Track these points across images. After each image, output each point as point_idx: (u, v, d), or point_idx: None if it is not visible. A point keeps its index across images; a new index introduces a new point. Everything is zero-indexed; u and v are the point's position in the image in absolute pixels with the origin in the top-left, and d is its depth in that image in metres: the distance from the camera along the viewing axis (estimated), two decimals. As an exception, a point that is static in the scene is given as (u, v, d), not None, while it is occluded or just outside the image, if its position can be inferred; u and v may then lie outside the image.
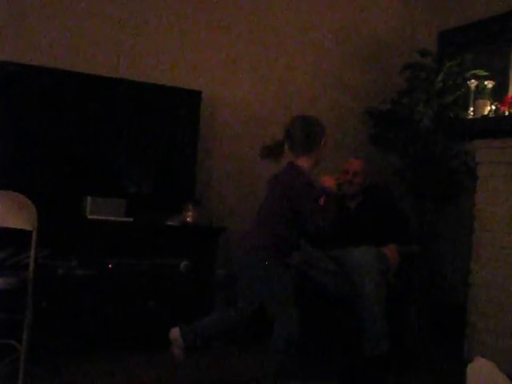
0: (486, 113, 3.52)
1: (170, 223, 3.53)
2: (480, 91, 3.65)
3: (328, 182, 2.90)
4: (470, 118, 3.63)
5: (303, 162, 2.81)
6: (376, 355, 3.10)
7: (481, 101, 3.58)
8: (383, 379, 3.05)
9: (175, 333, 2.82)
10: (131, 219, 3.40)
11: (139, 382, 2.91)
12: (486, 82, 3.63)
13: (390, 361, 3.14)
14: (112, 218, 3.36)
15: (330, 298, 3.33)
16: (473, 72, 3.87)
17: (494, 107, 3.49)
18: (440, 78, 3.97)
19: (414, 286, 3.72)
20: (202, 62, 3.98)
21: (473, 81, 3.71)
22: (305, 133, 2.80)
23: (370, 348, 3.11)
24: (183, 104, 3.78)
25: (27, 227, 2.67)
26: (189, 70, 3.94)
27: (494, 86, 3.59)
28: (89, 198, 3.36)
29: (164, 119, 3.73)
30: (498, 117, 3.42)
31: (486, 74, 3.82)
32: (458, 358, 3.40)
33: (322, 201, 2.86)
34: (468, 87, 3.75)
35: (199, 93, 3.79)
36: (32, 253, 2.64)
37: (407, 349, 3.56)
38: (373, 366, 3.10)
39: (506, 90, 3.54)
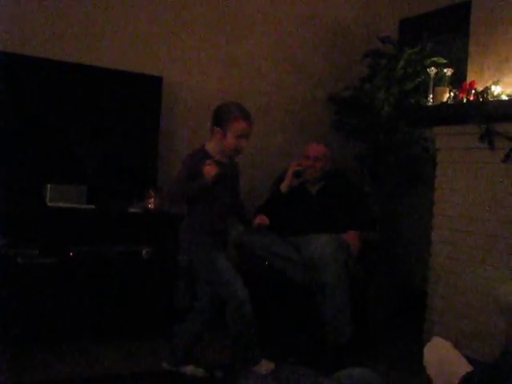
0: (445, 100, 3.57)
1: (131, 210, 3.50)
2: (439, 78, 3.69)
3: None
4: (430, 105, 3.67)
5: (207, 144, 2.81)
6: (340, 342, 3.14)
7: (440, 88, 3.62)
8: (344, 363, 3.08)
9: (165, 366, 2.90)
10: (92, 206, 3.37)
11: (103, 369, 2.90)
12: (445, 70, 3.67)
13: (352, 346, 3.19)
14: (73, 206, 3.31)
15: (292, 287, 3.35)
16: (432, 60, 3.92)
17: (452, 94, 3.55)
18: (401, 65, 4.02)
19: (375, 271, 3.77)
20: (163, 48, 3.95)
21: (432, 68, 3.75)
22: (212, 117, 2.79)
23: (333, 336, 3.14)
24: (144, 90, 3.74)
25: (-15, 215, 2.63)
26: (150, 56, 3.90)
27: (452, 74, 3.64)
28: (49, 186, 3.31)
29: (125, 105, 3.69)
30: (456, 104, 3.47)
31: (445, 61, 3.87)
32: (418, 340, 3.47)
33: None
34: (428, 74, 3.79)
35: (160, 79, 3.76)
36: (-10, 241, 2.61)
37: (369, 333, 3.61)
38: (337, 353, 3.13)
39: (465, 78, 3.60)
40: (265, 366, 2.80)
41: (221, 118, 2.75)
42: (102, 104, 3.63)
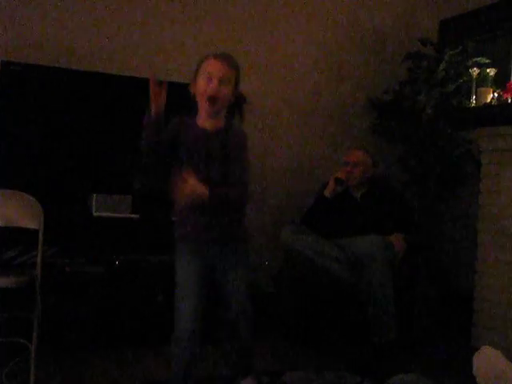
0: (488, 100, 3.52)
1: (175, 218, 3.53)
2: (482, 79, 3.65)
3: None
4: (473, 106, 3.62)
5: None
6: (384, 343, 3.13)
7: (483, 89, 3.57)
8: (389, 365, 3.06)
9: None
10: (137, 215, 3.42)
11: (151, 376, 2.93)
12: (487, 70, 3.62)
13: (397, 348, 3.17)
14: (118, 215, 3.37)
15: (338, 286, 3.35)
16: (474, 60, 3.87)
17: (496, 95, 3.49)
18: (442, 66, 3.97)
19: (421, 273, 3.73)
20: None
21: (475, 69, 3.70)
22: None
23: (378, 336, 3.14)
24: (186, 99, 3.77)
25: (34, 226, 2.69)
26: (191, 66, 3.92)
27: (496, 74, 3.58)
28: (94, 196, 3.38)
29: (166, 114, 3.72)
30: (500, 104, 3.42)
31: (487, 61, 3.81)
32: (466, 346, 3.41)
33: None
34: (470, 75, 3.74)
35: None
36: (39, 251, 2.67)
37: (415, 336, 3.57)
38: (381, 353, 3.12)
39: (508, 77, 3.54)
40: None
41: (195, 70, 2.25)
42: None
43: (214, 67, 2.18)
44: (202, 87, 2.18)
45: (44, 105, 3.43)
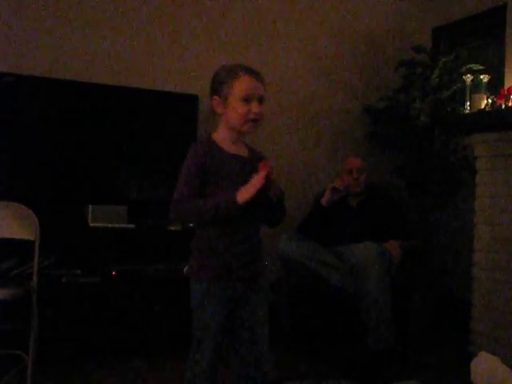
0: (482, 107, 3.52)
1: (171, 228, 3.54)
2: (476, 85, 3.65)
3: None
4: (467, 113, 3.63)
5: (214, 133, 2.07)
6: (382, 350, 3.13)
7: (477, 95, 3.58)
8: (388, 372, 3.06)
9: None
10: (133, 226, 3.41)
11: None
12: (481, 76, 3.63)
13: (394, 354, 3.17)
14: (114, 225, 3.37)
15: (336, 294, 3.35)
16: (468, 66, 3.88)
17: (490, 101, 3.50)
18: (436, 73, 3.99)
19: (418, 280, 3.73)
20: (198, 66, 3.99)
21: (468, 75, 3.72)
22: (210, 89, 2.08)
23: (375, 342, 3.13)
24: (181, 109, 3.79)
25: (29, 237, 2.69)
26: (185, 75, 3.94)
27: (489, 80, 3.60)
28: (90, 206, 3.38)
29: (162, 125, 3.74)
30: (494, 110, 3.43)
31: (481, 67, 3.83)
32: (463, 351, 3.41)
33: None
34: (464, 82, 3.75)
35: (196, 97, 3.80)
36: (35, 262, 2.66)
37: (412, 342, 3.57)
38: (379, 361, 3.12)
39: (502, 83, 3.55)
40: None
41: (217, 82, 2.02)
42: (141, 124, 3.68)
43: (251, 85, 1.98)
44: (241, 108, 1.96)
45: (39, 116, 3.44)
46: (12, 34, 3.51)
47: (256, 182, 1.86)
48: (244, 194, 1.85)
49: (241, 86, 1.96)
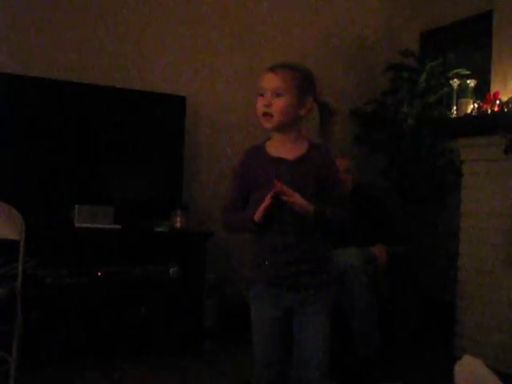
0: (469, 111, 3.55)
1: (158, 229, 3.53)
2: (463, 90, 3.68)
3: None
4: (454, 117, 3.66)
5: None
6: (368, 354, 3.13)
7: (464, 99, 3.61)
8: (375, 377, 3.07)
9: None
10: (119, 226, 3.40)
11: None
12: (468, 81, 3.66)
13: (381, 359, 3.17)
14: (100, 226, 3.35)
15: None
16: (455, 71, 3.91)
17: (476, 105, 3.53)
18: (423, 77, 4.01)
19: (402, 283, 3.74)
20: (186, 68, 3.99)
21: (455, 80, 3.74)
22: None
23: (362, 348, 3.14)
24: (168, 110, 3.78)
25: (14, 237, 2.66)
26: (173, 76, 3.94)
27: (476, 85, 3.63)
28: (76, 207, 3.36)
29: (149, 125, 3.72)
30: (480, 115, 3.45)
31: (468, 72, 3.86)
32: (448, 355, 3.42)
33: None
34: (451, 86, 3.78)
35: (183, 98, 3.79)
36: (20, 263, 2.64)
37: (397, 346, 3.58)
38: (365, 364, 3.12)
39: (488, 88, 3.57)
40: None
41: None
42: (128, 125, 3.67)
43: (264, 80, 1.95)
44: (256, 105, 1.94)
45: (24, 116, 3.41)
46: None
47: (265, 202, 1.81)
48: (257, 213, 1.83)
49: (259, 83, 1.97)
